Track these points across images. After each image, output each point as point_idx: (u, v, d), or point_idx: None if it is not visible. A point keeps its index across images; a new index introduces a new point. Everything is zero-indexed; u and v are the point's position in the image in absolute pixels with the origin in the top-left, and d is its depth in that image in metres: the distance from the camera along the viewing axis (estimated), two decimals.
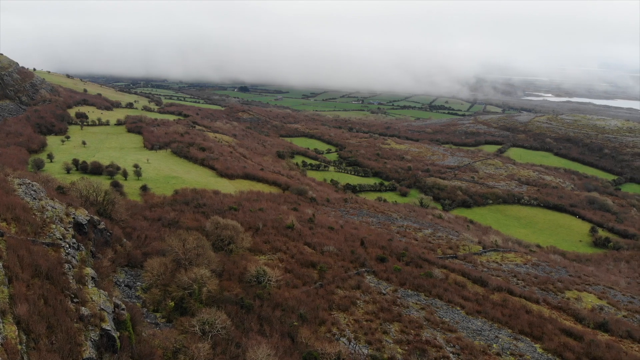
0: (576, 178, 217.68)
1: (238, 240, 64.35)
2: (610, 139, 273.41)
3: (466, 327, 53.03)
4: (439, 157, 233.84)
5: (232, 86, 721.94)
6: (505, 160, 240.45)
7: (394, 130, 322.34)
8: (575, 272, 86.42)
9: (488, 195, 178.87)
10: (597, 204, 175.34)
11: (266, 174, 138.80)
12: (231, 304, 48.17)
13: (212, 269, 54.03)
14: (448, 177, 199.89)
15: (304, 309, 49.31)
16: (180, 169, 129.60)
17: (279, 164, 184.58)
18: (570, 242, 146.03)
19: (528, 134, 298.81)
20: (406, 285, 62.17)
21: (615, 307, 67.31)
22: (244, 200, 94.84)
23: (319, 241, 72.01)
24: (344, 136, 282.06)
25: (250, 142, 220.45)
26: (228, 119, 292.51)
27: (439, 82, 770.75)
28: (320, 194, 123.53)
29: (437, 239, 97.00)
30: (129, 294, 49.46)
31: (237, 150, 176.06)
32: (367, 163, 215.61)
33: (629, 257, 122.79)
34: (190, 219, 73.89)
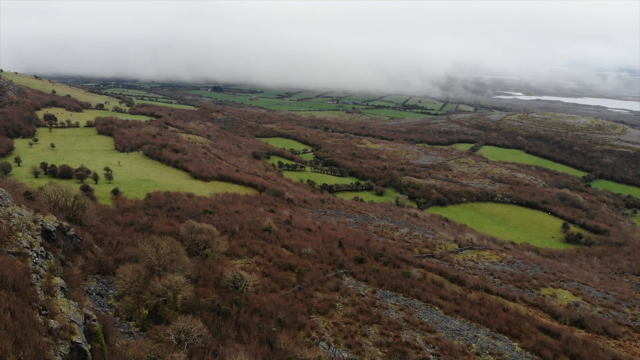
0: (547, 175, 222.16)
1: (214, 244, 63.01)
2: (579, 136, 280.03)
3: (445, 327, 52.99)
4: (413, 156, 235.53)
5: (205, 86, 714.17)
6: (478, 158, 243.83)
7: (369, 129, 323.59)
8: (549, 268, 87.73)
9: (462, 193, 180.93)
10: (568, 200, 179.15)
11: (242, 175, 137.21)
12: (207, 310, 47.01)
13: (187, 274, 52.68)
14: (423, 175, 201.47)
15: (282, 313, 48.47)
16: (152, 171, 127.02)
17: (254, 164, 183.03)
18: (543, 238, 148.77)
19: (500, 132, 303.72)
20: (385, 286, 61.87)
21: (590, 303, 68.37)
22: (219, 202, 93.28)
23: (297, 243, 71.17)
24: (319, 136, 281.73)
25: (225, 142, 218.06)
26: (202, 119, 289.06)
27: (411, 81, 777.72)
28: (297, 195, 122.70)
29: (414, 238, 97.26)
30: (101, 302, 47.87)
31: (211, 152, 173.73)
32: (344, 163, 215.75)
33: (600, 252, 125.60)
34: (163, 223, 72.16)
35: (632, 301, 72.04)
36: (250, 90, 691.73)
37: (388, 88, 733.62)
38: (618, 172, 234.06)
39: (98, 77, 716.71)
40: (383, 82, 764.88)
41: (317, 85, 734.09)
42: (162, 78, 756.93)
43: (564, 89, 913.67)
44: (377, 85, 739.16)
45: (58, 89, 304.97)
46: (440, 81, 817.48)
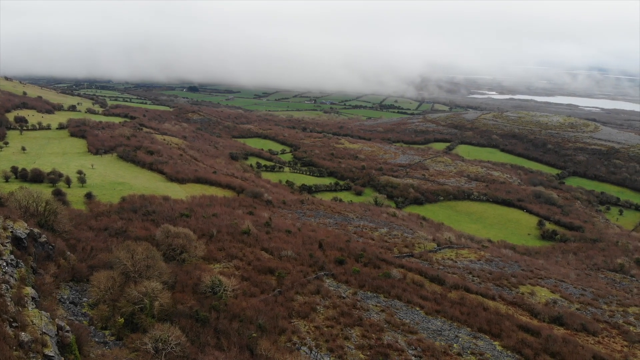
0: (522, 173, 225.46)
1: (191, 248, 61.76)
2: (553, 134, 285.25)
3: (426, 328, 52.90)
4: (391, 156, 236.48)
5: (180, 86, 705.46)
6: (454, 157, 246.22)
7: (347, 129, 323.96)
8: (527, 266, 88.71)
9: (439, 192, 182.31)
10: (543, 197, 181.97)
11: (219, 177, 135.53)
12: (185, 317, 45.89)
13: (164, 280, 51.42)
14: (400, 175, 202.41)
15: (262, 318, 47.63)
16: (127, 174, 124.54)
17: (232, 166, 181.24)
18: (520, 235, 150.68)
19: (475, 131, 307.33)
20: (365, 287, 61.56)
21: (568, 300, 69.25)
22: (196, 205, 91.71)
23: (277, 246, 70.34)
24: (298, 136, 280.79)
25: (202, 143, 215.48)
26: (177, 120, 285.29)
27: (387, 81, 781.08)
28: (276, 196, 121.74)
29: (393, 238, 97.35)
30: (75, 311, 46.36)
31: (187, 153, 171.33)
32: (322, 163, 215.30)
33: (575, 249, 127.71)
34: (139, 228, 70.49)
35: (609, 297, 73.29)
36: (227, 90, 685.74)
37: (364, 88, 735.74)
38: (591, 169, 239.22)
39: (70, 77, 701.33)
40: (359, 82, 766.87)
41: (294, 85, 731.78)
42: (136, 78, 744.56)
43: (536, 88, 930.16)
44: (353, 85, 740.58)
45: (29, 90, 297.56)
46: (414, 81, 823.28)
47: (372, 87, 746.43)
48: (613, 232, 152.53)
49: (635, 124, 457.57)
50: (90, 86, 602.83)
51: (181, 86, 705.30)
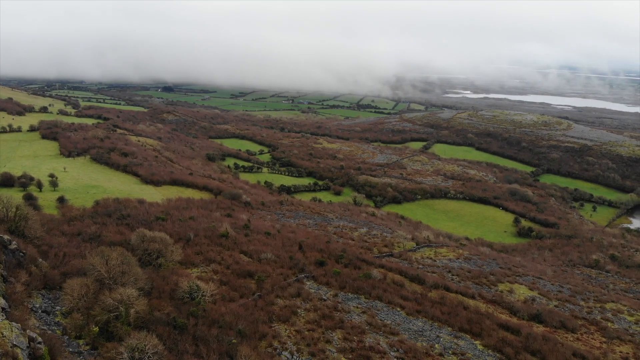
0: (497, 171, 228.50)
1: (167, 253, 60.30)
2: (527, 132, 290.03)
3: (408, 329, 52.67)
4: (369, 155, 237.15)
5: (155, 86, 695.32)
6: (431, 156, 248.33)
7: (325, 129, 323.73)
8: (504, 263, 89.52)
9: (417, 190, 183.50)
10: (518, 195, 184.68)
11: (196, 178, 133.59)
12: (163, 324, 44.65)
13: (140, 287, 50.01)
14: (378, 174, 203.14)
15: (242, 324, 46.66)
16: (101, 177, 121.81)
17: (209, 167, 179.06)
18: (496, 233, 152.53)
19: (451, 130, 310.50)
20: (346, 288, 61.09)
21: (547, 297, 69.96)
22: (173, 208, 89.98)
23: (256, 248, 69.32)
24: (276, 136, 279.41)
25: (177, 144, 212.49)
26: (152, 120, 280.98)
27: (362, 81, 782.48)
28: (254, 198, 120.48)
29: (373, 238, 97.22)
30: (48, 320, 44.71)
31: (162, 154, 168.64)
32: (301, 163, 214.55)
33: (551, 245, 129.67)
34: (113, 232, 68.67)
35: (586, 294, 74.39)
36: (203, 90, 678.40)
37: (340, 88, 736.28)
38: (564, 166, 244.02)
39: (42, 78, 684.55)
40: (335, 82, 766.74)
41: (271, 84, 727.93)
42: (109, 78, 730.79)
43: (509, 87, 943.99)
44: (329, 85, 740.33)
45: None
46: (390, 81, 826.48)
47: (348, 86, 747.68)
48: (587, 228, 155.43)
49: (607, 122, 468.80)
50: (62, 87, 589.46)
51: (156, 86, 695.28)
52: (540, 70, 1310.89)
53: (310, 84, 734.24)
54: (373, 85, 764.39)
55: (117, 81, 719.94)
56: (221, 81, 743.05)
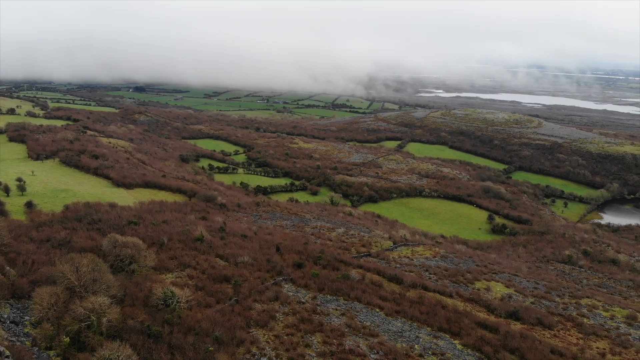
0: (471, 169, 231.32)
1: (140, 258, 58.66)
2: (499, 130, 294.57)
3: (387, 330, 52.32)
4: (345, 155, 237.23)
5: (126, 86, 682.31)
6: (405, 155, 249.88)
7: (300, 129, 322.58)
8: (480, 261, 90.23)
9: (392, 189, 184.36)
10: (491, 192, 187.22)
11: (169, 180, 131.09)
12: (136, 333, 43.29)
13: (112, 294, 48.49)
14: (355, 173, 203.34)
15: (219, 330, 45.55)
16: (70, 180, 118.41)
17: (183, 168, 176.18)
18: (471, 230, 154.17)
19: (424, 129, 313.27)
20: (325, 290, 60.44)
21: (523, 294, 70.59)
22: (145, 212, 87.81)
23: (232, 252, 68.03)
24: (251, 136, 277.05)
25: (150, 146, 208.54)
26: (123, 121, 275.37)
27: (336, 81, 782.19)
28: (230, 199, 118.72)
29: (351, 238, 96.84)
30: (16, 331, 43.00)
31: (134, 156, 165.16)
32: (277, 163, 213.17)
33: (525, 241, 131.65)
34: (84, 238, 66.54)
35: (561, 289, 75.39)
36: (175, 90, 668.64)
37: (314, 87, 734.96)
38: (536, 163, 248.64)
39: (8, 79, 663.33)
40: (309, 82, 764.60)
41: (244, 84, 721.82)
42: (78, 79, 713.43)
43: (479, 86, 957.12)
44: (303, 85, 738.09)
45: None
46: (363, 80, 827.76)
47: (322, 86, 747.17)
48: (559, 224, 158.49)
49: (576, 119, 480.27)
50: (30, 88, 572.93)
51: (127, 86, 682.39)
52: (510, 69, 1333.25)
53: (285, 83, 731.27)
54: (346, 84, 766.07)
55: (86, 81, 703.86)
56: (193, 81, 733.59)
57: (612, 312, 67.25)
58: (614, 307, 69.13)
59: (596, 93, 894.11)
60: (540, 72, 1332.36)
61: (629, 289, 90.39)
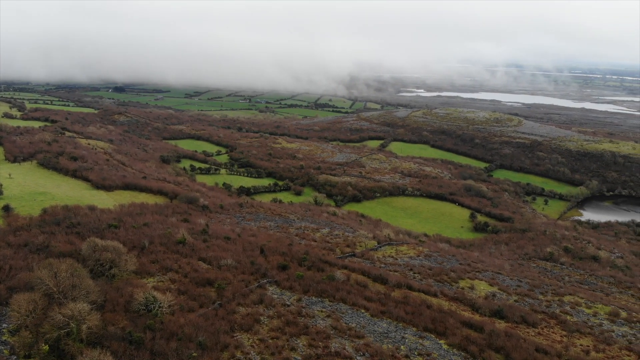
0: (452, 167, 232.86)
1: (121, 263, 57.47)
2: (480, 129, 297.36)
3: (373, 331, 52.08)
4: (328, 154, 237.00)
5: (105, 86, 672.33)
6: (388, 154, 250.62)
7: (283, 129, 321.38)
8: (464, 259, 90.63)
9: (375, 188, 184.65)
10: (473, 191, 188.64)
11: (150, 182, 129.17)
12: (117, 340, 42.34)
13: (92, 300, 47.41)
14: (338, 173, 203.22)
15: (202, 335, 44.76)
16: (48, 183, 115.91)
17: (164, 169, 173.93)
18: (453, 228, 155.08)
19: (406, 128, 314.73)
20: (310, 292, 59.99)
21: (506, 293, 71.02)
22: (126, 214, 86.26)
23: (215, 255, 67.10)
24: (234, 137, 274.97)
25: (130, 147, 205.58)
26: (102, 122, 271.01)
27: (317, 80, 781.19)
28: (212, 201, 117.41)
29: (335, 238, 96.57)
30: None
31: (114, 158, 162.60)
32: (260, 164, 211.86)
33: (507, 239, 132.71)
34: (62, 242, 65.02)
35: (544, 287, 76.08)
36: (156, 90, 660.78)
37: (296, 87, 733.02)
38: (516, 161, 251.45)
39: None
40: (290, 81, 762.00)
41: (226, 84, 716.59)
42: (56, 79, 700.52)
43: (459, 85, 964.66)
44: (285, 84, 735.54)
45: None
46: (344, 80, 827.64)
47: (304, 86, 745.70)
48: (540, 222, 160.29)
49: (555, 117, 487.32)
50: (7, 88, 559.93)
51: (106, 86, 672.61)
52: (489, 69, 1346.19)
53: (266, 83, 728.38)
54: (328, 84, 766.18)
55: (65, 82, 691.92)
56: (174, 80, 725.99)
57: (594, 309, 68.06)
58: (597, 304, 69.99)
59: (574, 92, 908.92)
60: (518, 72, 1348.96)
61: (610, 286, 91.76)
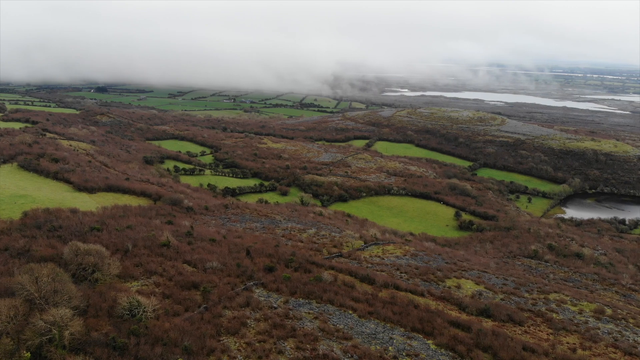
0: (437, 166, 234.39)
1: (104, 266, 56.39)
2: (463, 128, 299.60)
3: (361, 332, 51.80)
4: (314, 154, 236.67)
5: (87, 87, 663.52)
6: (374, 153, 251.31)
7: (269, 129, 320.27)
8: (450, 258, 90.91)
9: (361, 188, 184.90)
10: (457, 189, 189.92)
11: (133, 183, 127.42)
12: (101, 346, 41.45)
13: (74, 305, 46.44)
14: (324, 173, 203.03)
15: (188, 339, 44.01)
16: (29, 185, 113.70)
17: (147, 171, 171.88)
18: (439, 227, 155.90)
19: (391, 127, 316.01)
20: (297, 294, 59.50)
21: (492, 291, 71.29)
22: (109, 217, 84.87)
23: (200, 257, 66.21)
24: (218, 137, 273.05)
25: (112, 148, 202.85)
26: (84, 123, 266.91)
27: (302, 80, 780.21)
28: (197, 202, 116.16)
29: (322, 238, 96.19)
30: None
31: (96, 159, 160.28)
32: (245, 164, 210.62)
33: (492, 237, 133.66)
34: (44, 246, 63.67)
35: (529, 285, 76.56)
36: (139, 90, 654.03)
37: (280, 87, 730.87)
38: (500, 160, 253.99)
39: None
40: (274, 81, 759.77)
41: (209, 83, 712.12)
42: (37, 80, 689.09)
43: (442, 85, 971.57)
44: (269, 84, 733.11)
45: None
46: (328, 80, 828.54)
47: (288, 85, 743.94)
48: (524, 220, 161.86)
49: (537, 116, 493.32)
50: None
51: (88, 87, 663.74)
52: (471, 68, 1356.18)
53: (250, 82, 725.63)
54: (312, 84, 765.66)
55: (46, 82, 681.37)
56: (156, 80, 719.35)
57: (580, 306, 68.61)
58: (582, 302, 70.59)
59: (555, 90, 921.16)
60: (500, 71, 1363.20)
61: (594, 283, 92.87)
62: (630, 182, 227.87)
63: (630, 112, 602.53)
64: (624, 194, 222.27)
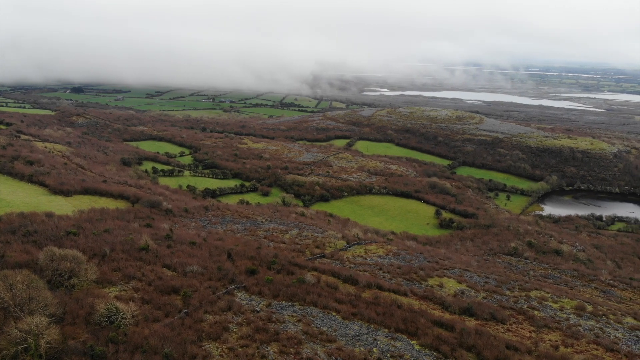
0: (417, 165, 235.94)
1: (81, 272, 54.87)
2: (442, 127, 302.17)
3: (345, 334, 51.40)
4: (295, 154, 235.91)
5: (63, 87, 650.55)
6: (355, 153, 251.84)
7: (249, 128, 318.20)
8: (432, 257, 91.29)
9: (343, 187, 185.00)
10: (437, 188, 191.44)
11: (110, 186, 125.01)
12: (78, 354, 40.24)
13: (51, 313, 45.06)
14: (306, 173, 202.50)
15: (169, 346, 42.99)
16: (3, 189, 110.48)
17: (125, 172, 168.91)
18: (419, 225, 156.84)
19: (372, 127, 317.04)
20: (280, 296, 58.78)
21: (474, 289, 71.65)
22: (85, 221, 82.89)
23: (180, 261, 64.99)
24: (197, 137, 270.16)
25: (89, 149, 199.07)
26: (60, 124, 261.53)
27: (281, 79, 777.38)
28: (176, 204, 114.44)
29: (304, 239, 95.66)
30: None
31: (72, 161, 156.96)
32: (226, 164, 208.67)
33: (472, 235, 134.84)
34: (18, 252, 61.72)
35: (510, 283, 77.18)
36: (116, 90, 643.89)
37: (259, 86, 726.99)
38: (478, 158, 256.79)
39: None
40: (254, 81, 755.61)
41: (187, 83, 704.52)
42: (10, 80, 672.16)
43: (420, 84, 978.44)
44: (247, 84, 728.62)
45: None
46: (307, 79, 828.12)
47: (267, 85, 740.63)
48: (504, 217, 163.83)
49: (514, 115, 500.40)
50: None
51: (63, 87, 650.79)
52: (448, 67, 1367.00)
53: (229, 82, 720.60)
54: (292, 83, 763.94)
55: (19, 83, 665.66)
56: (133, 80, 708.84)
57: (561, 303, 69.33)
58: (563, 299, 71.37)
59: (531, 89, 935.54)
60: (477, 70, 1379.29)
61: (574, 279, 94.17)
62: (607, 179, 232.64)
63: (605, 109, 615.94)
64: (601, 190, 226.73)
